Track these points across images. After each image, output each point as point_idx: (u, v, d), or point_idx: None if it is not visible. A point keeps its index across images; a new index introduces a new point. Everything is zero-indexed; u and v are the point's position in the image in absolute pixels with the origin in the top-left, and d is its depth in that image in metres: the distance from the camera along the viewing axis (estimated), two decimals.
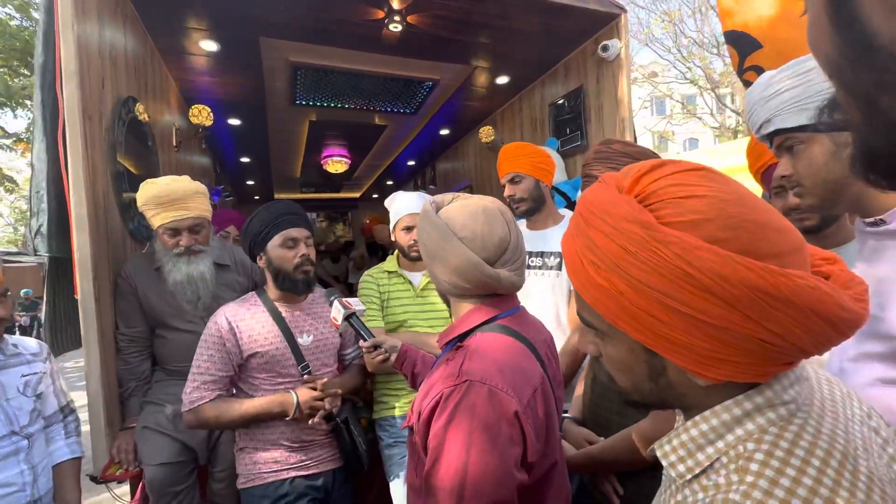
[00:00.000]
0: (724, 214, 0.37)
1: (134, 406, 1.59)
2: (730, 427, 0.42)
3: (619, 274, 0.40)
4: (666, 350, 0.40)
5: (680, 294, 0.37)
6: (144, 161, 2.15)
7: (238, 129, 4.01)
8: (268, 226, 1.34)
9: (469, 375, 0.68)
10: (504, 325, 0.80)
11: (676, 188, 0.39)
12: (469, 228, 0.80)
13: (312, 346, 1.40)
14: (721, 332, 0.37)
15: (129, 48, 2.08)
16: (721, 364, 0.39)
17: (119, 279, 1.63)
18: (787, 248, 0.37)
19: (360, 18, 2.35)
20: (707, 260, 0.35)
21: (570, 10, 2.37)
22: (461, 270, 0.78)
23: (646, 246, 0.38)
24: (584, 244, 0.43)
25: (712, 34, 11.50)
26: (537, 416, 0.72)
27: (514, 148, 1.75)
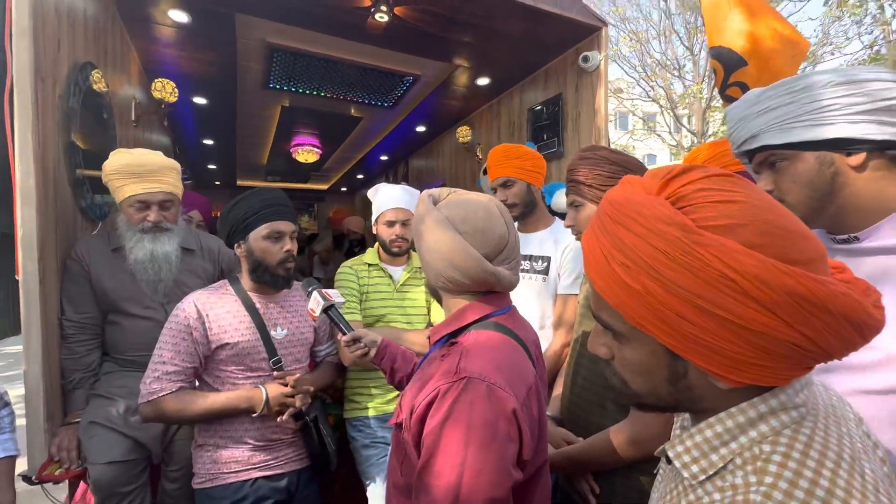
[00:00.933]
0: (758, 220, 0.38)
1: (78, 399, 1.45)
2: (744, 429, 0.43)
3: (652, 276, 0.39)
4: (694, 353, 0.41)
5: (718, 297, 0.37)
6: (100, 134, 1.98)
7: (203, 109, 3.79)
8: (254, 214, 1.26)
9: (467, 372, 0.68)
10: (499, 322, 0.80)
11: (708, 192, 0.40)
12: (470, 223, 0.79)
13: (286, 339, 1.34)
14: (757, 337, 0.37)
15: (90, 12, 1.91)
16: (749, 368, 0.39)
17: (69, 260, 1.49)
18: (814, 255, 0.38)
19: (345, 4, 2.28)
20: (748, 265, 0.36)
21: (554, 18, 2.42)
22: (461, 266, 0.77)
23: (684, 248, 0.38)
24: (613, 244, 0.43)
25: (674, 57, 12.16)
26: (532, 413, 0.72)
27: (504, 151, 1.71)
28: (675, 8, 11.35)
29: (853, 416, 0.48)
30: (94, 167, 1.77)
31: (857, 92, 0.69)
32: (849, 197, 0.73)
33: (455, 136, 4.05)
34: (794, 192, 0.77)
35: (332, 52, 2.84)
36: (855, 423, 0.47)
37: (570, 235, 1.65)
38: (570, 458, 1.07)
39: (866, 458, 0.42)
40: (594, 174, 1.10)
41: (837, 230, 0.77)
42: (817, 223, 0.79)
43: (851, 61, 8.84)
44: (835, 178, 0.73)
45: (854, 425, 0.46)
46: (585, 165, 1.11)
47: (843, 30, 8.85)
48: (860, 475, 0.39)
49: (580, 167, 1.13)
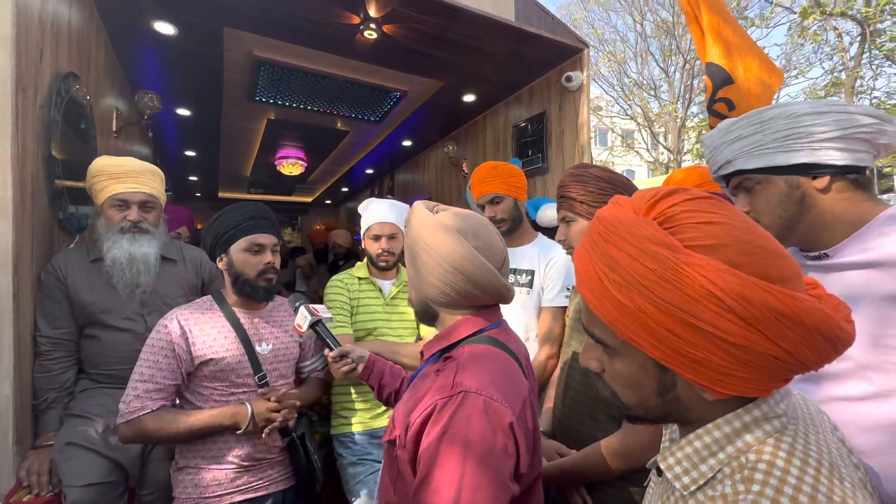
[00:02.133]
0: (739, 241, 0.40)
1: (51, 420, 1.38)
2: (730, 439, 0.45)
3: (643, 293, 0.42)
4: (682, 366, 0.43)
5: (703, 313, 0.39)
6: (80, 145, 1.94)
7: (186, 120, 3.74)
8: (234, 227, 1.25)
9: (464, 386, 0.67)
10: (492, 336, 0.80)
11: (693, 213, 0.42)
12: (482, 238, 0.81)
13: (271, 355, 1.31)
14: (739, 350, 0.39)
15: (74, 21, 1.88)
16: (733, 380, 0.41)
17: (44, 274, 1.44)
18: (790, 274, 0.41)
19: (334, 21, 2.31)
20: (731, 282, 0.38)
21: (539, 39, 2.50)
22: (479, 278, 0.77)
23: (673, 267, 0.40)
24: (605, 263, 0.45)
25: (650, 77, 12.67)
26: (527, 427, 0.72)
27: (491, 169, 1.73)
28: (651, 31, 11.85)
29: (829, 425, 0.51)
30: (73, 178, 1.72)
31: (819, 122, 0.76)
32: (817, 217, 0.79)
33: (441, 151, 4.10)
34: (767, 213, 0.82)
35: (319, 66, 2.87)
36: (831, 430, 0.50)
37: (553, 249, 1.69)
38: (562, 471, 1.07)
39: (843, 464, 0.44)
40: (585, 191, 1.14)
41: (809, 247, 0.83)
42: (790, 241, 0.84)
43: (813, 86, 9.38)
44: (803, 200, 0.79)
45: (830, 433, 0.49)
46: (577, 182, 1.15)
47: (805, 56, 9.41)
48: (839, 480, 0.41)
49: (571, 184, 1.17)
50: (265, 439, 1.23)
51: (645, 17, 11.65)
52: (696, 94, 11.57)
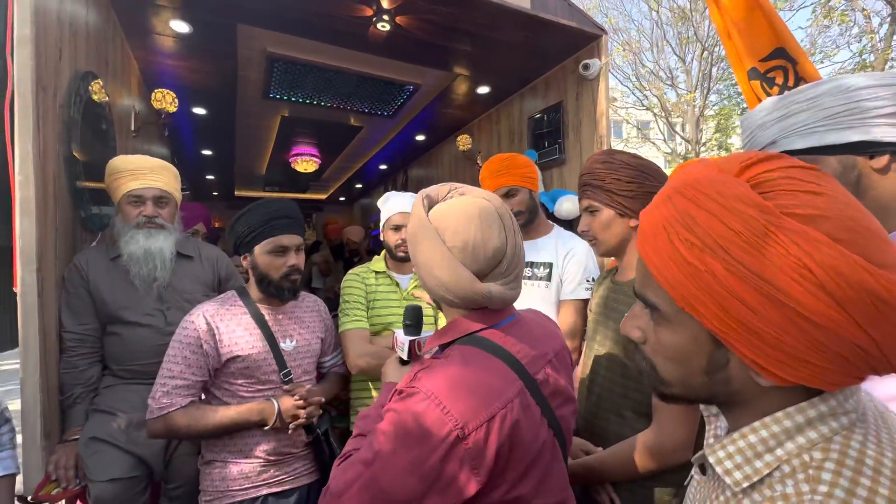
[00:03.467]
0: (843, 216, 0.36)
1: (78, 415, 1.41)
2: (791, 435, 0.41)
3: (719, 255, 0.38)
4: (743, 342, 0.39)
5: (788, 285, 0.35)
6: (100, 145, 1.96)
7: (202, 119, 3.78)
8: (258, 228, 1.24)
9: (418, 385, 0.66)
10: (486, 338, 0.74)
11: (793, 181, 0.38)
12: (461, 237, 0.71)
13: (294, 351, 1.31)
14: (819, 332, 0.35)
15: (91, 22, 1.90)
16: (801, 365, 0.37)
17: (68, 272, 1.46)
18: (891, 261, 0.36)
19: (347, 14, 2.29)
20: (830, 255, 0.34)
21: (554, 26, 2.43)
22: (448, 284, 0.71)
23: (762, 231, 0.36)
24: (679, 221, 0.41)
25: (667, 67, 12.36)
26: (489, 442, 0.63)
27: (503, 160, 1.68)
28: (667, 19, 11.54)
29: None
30: (94, 178, 1.74)
31: (878, 96, 0.70)
32: (875, 199, 0.73)
33: (455, 144, 4.06)
34: None
35: (332, 61, 2.85)
36: None
37: (572, 241, 1.64)
38: (589, 469, 1.04)
39: None
40: (613, 179, 1.08)
41: None
42: None
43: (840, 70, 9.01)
44: (859, 182, 0.73)
45: None
46: (604, 170, 1.09)
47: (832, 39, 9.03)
48: None
49: (599, 171, 1.10)
50: (291, 435, 1.23)
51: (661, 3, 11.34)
52: (714, 81, 11.24)
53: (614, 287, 1.15)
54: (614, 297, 1.14)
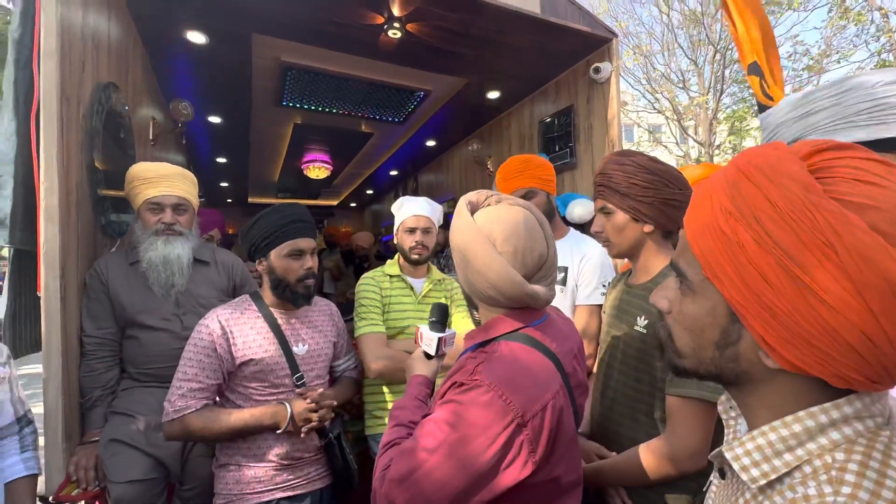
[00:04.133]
0: None
1: (97, 418, 1.43)
2: (812, 435, 0.40)
3: (750, 225, 0.38)
4: (756, 316, 0.39)
5: (809, 262, 0.35)
6: (120, 154, 2.01)
7: (217, 128, 3.86)
8: (275, 231, 1.25)
9: (480, 376, 0.71)
10: (528, 335, 0.79)
11: (857, 171, 0.38)
12: (511, 243, 0.79)
13: (307, 355, 1.32)
14: (832, 315, 0.35)
15: (113, 34, 1.96)
16: (808, 349, 0.37)
17: (89, 277, 1.50)
18: None
19: (358, 22, 2.32)
20: (861, 241, 0.34)
21: (564, 30, 2.44)
22: (500, 286, 0.77)
23: (797, 205, 0.36)
24: (725, 190, 0.41)
25: (678, 69, 12.24)
26: (542, 432, 0.70)
27: (521, 162, 1.67)
28: (678, 22, 11.46)
29: None
30: (114, 186, 1.79)
31: None
32: None
33: (465, 149, 4.07)
34: None
35: (344, 69, 2.89)
36: None
37: (586, 245, 1.62)
38: (601, 473, 1.03)
39: None
40: (629, 183, 1.04)
41: None
42: None
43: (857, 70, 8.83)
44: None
45: None
46: (620, 173, 1.06)
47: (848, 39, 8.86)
48: None
49: (614, 174, 1.07)
50: (304, 438, 1.24)
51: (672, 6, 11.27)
52: (727, 84, 11.11)
53: (627, 290, 1.14)
54: (627, 300, 1.12)
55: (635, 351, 1.05)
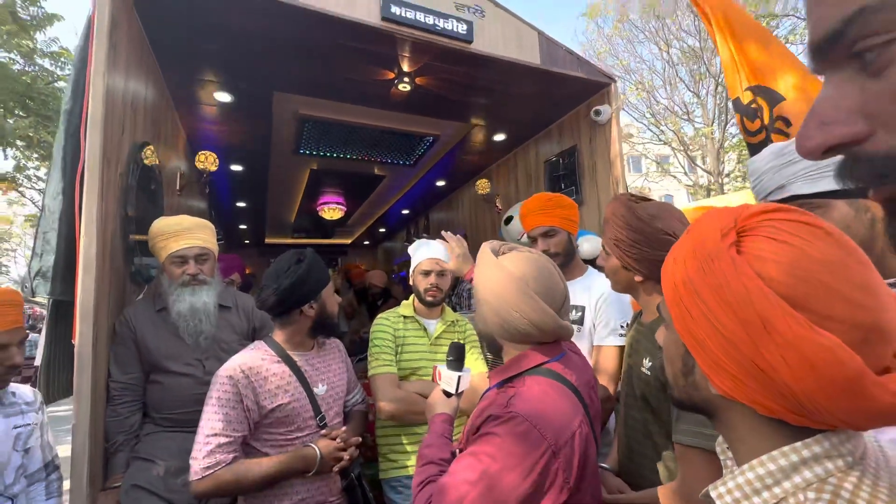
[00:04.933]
0: (796, 265, 0.40)
1: (120, 462, 1.47)
2: (787, 473, 0.43)
3: (682, 272, 0.46)
4: (691, 346, 0.46)
5: (708, 299, 0.43)
6: (151, 204, 2.15)
7: (239, 175, 4.07)
8: (323, 273, 1.35)
9: (514, 409, 0.76)
10: (552, 370, 0.86)
11: (773, 231, 0.43)
12: (541, 283, 0.88)
13: (327, 395, 1.36)
14: (728, 344, 0.42)
15: (149, 98, 2.15)
16: (724, 374, 0.43)
17: (118, 324, 1.58)
18: (831, 313, 0.39)
19: (371, 78, 2.50)
20: (742, 284, 0.40)
21: (564, 78, 2.58)
22: (539, 322, 0.85)
23: (708, 256, 0.44)
24: (680, 247, 0.50)
25: (682, 102, 12.51)
26: (573, 458, 0.76)
27: (545, 200, 1.67)
28: (678, 58, 11.82)
29: None
30: (142, 233, 1.91)
31: None
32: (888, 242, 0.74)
33: (474, 188, 4.19)
34: None
35: (357, 118, 3.08)
36: None
37: (604, 285, 1.62)
38: None
39: None
40: (619, 237, 1.08)
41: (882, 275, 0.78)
42: None
43: None
44: (873, 225, 0.74)
45: None
46: (613, 225, 1.10)
47: None
48: None
49: (610, 224, 1.11)
50: (328, 482, 1.26)
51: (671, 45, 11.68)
52: (731, 115, 11.28)
53: (640, 329, 1.16)
54: (638, 339, 1.14)
55: (643, 393, 1.07)
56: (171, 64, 2.28)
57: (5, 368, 1.19)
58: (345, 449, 1.26)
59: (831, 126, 0.30)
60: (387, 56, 2.31)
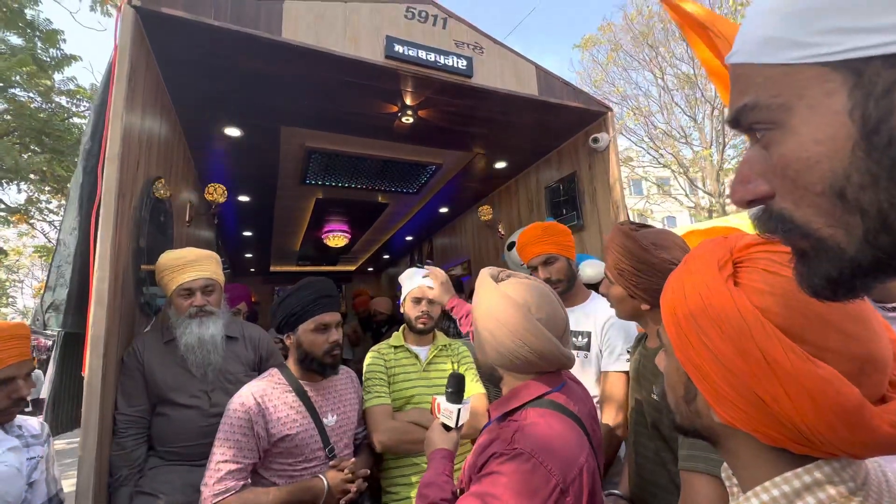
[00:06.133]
0: (791, 296, 0.42)
1: (122, 497, 1.45)
2: (790, 500, 0.43)
3: (681, 301, 0.47)
4: (693, 374, 0.46)
5: (709, 329, 0.44)
6: (160, 235, 2.21)
7: (246, 206, 4.16)
8: (302, 308, 1.34)
9: (520, 445, 0.73)
10: (554, 401, 0.83)
11: (768, 263, 0.45)
12: (544, 310, 0.86)
13: (336, 426, 1.35)
14: (729, 374, 0.42)
15: (163, 134, 2.24)
16: (727, 403, 0.43)
17: (126, 355, 1.59)
18: (827, 344, 0.40)
19: (375, 112, 2.60)
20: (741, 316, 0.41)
21: (562, 108, 2.67)
22: (541, 350, 0.83)
23: (703, 288, 0.45)
24: (678, 277, 0.51)
25: (679, 126, 12.75)
26: (582, 491, 0.73)
27: (542, 229, 1.70)
28: (673, 84, 12.12)
29: None
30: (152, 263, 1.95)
31: None
32: None
33: (476, 214, 4.25)
34: None
35: (362, 150, 3.17)
36: None
37: (609, 309, 1.64)
38: None
39: None
40: (622, 266, 1.09)
41: (885, 299, 0.80)
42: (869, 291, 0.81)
43: None
44: None
45: None
46: (617, 254, 1.10)
47: None
48: None
49: (612, 252, 1.12)
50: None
51: (665, 72, 12.01)
52: (729, 137, 11.46)
53: (645, 353, 1.16)
54: (644, 365, 1.14)
55: (653, 420, 1.06)
56: (185, 102, 2.38)
57: (12, 401, 1.20)
58: (352, 481, 1.25)
59: (747, 185, 0.36)
60: (390, 91, 2.40)
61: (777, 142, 0.32)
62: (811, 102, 0.30)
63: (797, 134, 0.31)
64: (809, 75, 0.30)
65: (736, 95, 0.35)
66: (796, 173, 0.31)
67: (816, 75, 0.29)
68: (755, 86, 0.33)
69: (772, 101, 0.32)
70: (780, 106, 0.31)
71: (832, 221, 0.30)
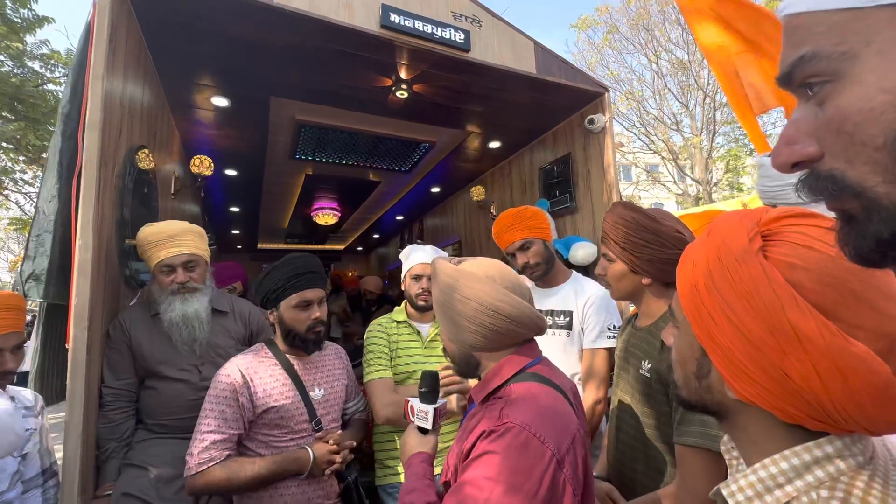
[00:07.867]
0: (825, 272, 0.41)
1: (111, 470, 1.44)
2: (800, 473, 0.44)
3: (704, 275, 0.46)
4: (711, 350, 0.46)
5: (738, 306, 0.43)
6: (145, 207, 2.14)
7: (233, 180, 4.05)
8: (284, 284, 1.31)
9: (510, 419, 0.71)
10: (536, 373, 0.82)
11: (801, 237, 0.44)
12: (508, 280, 0.86)
13: (323, 399, 1.36)
14: (754, 350, 0.42)
15: (145, 101, 2.14)
16: (748, 380, 0.43)
17: (111, 329, 1.56)
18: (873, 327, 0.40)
19: (369, 85, 2.52)
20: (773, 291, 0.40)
21: (559, 87, 2.63)
22: (516, 315, 0.82)
23: (731, 261, 0.44)
24: (700, 249, 0.49)
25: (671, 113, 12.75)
26: (577, 462, 0.72)
27: (513, 216, 1.70)
28: (667, 70, 12.06)
29: None
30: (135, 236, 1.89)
31: None
32: None
33: (469, 195, 4.22)
34: None
35: (354, 125, 3.09)
36: None
37: (589, 287, 1.66)
38: None
39: None
40: (629, 239, 1.10)
41: None
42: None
43: None
44: None
45: None
46: (622, 227, 1.11)
47: None
48: None
49: (617, 227, 1.13)
50: (324, 484, 1.25)
51: (660, 56, 11.92)
52: (719, 125, 11.52)
53: (634, 332, 1.18)
54: (633, 343, 1.16)
55: (642, 395, 1.08)
56: (169, 68, 2.28)
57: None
58: (338, 452, 1.25)
59: (793, 146, 0.34)
60: (385, 63, 2.33)
61: (836, 94, 0.30)
62: (882, 47, 0.28)
63: (861, 83, 0.29)
64: (882, 17, 0.28)
65: (790, 49, 0.33)
66: (855, 126, 0.29)
67: (890, 17, 0.28)
68: (815, 35, 0.31)
69: (834, 50, 0.30)
70: (842, 55, 0.30)
71: (890, 177, 0.29)
